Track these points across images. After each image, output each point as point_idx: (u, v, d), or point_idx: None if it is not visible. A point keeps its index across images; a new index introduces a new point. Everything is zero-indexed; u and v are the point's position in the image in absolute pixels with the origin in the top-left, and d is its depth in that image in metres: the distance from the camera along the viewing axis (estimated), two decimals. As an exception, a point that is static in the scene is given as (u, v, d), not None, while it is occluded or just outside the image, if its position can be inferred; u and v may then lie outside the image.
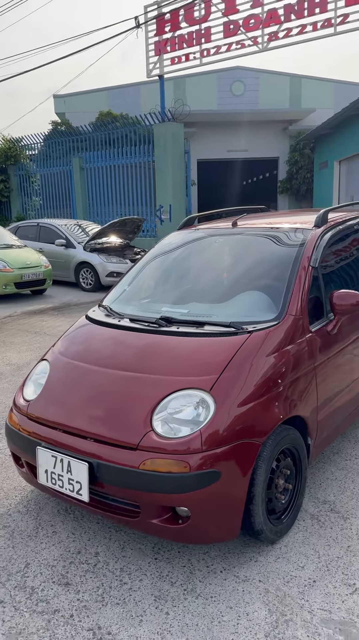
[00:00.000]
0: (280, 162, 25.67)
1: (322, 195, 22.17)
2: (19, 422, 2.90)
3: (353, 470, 3.46)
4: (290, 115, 25.03)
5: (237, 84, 25.54)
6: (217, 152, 24.00)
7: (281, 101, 25.66)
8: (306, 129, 24.16)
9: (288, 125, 25.22)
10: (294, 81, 25.70)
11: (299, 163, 24.11)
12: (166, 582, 2.49)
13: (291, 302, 2.93)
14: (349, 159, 20.41)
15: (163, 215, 11.93)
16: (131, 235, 11.98)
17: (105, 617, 2.29)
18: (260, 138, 24.87)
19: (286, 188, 24.92)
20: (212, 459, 2.38)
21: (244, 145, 25.39)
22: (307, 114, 24.34)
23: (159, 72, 13.27)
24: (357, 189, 19.59)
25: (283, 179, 25.21)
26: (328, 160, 21.75)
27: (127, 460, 2.43)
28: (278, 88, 25.58)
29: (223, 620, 2.26)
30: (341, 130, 20.40)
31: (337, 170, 21.48)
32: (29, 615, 2.31)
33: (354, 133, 19.38)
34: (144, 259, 3.91)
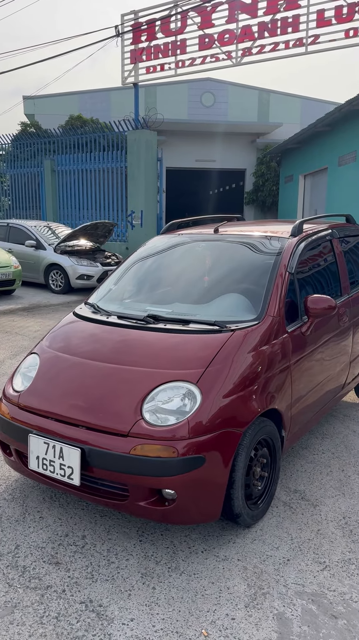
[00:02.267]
0: (246, 173, 26.22)
1: (287, 207, 22.78)
2: (10, 412, 3.03)
3: (320, 463, 3.70)
4: (257, 129, 25.62)
5: (207, 95, 26.00)
6: (186, 161, 24.34)
7: (250, 114, 26.26)
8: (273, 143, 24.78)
9: (256, 138, 25.80)
10: (262, 95, 26.34)
11: (266, 176, 24.70)
12: (151, 561, 2.66)
13: (270, 304, 3.16)
14: (313, 173, 21.06)
15: (134, 221, 12.11)
16: (102, 239, 12.10)
17: (95, 592, 2.45)
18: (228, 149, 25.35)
19: (252, 199, 25.45)
20: (198, 445, 2.57)
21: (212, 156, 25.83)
22: (274, 128, 24.97)
23: (134, 80, 13.47)
24: (321, 203, 20.23)
25: (249, 190, 25.75)
26: (294, 174, 22.37)
27: (118, 447, 2.60)
28: (247, 101, 26.17)
29: (206, 593, 2.44)
30: (307, 146, 21.05)
31: (302, 184, 22.11)
32: (23, 591, 2.45)
33: (320, 149, 20.03)
34: (129, 260, 4.08)
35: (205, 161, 25.75)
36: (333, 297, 3.57)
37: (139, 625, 2.25)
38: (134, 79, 13.44)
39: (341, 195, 18.14)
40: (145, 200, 12.02)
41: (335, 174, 18.77)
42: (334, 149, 18.56)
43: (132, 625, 2.25)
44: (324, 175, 19.80)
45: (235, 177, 27.04)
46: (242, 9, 12.15)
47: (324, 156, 19.55)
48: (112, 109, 24.54)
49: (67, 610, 2.33)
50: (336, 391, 3.99)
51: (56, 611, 2.32)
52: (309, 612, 2.33)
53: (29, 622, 2.26)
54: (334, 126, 18.28)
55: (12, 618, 2.28)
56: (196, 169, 25.58)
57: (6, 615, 2.30)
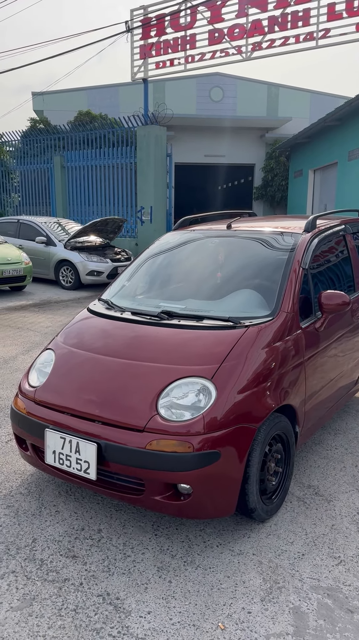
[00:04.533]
0: (256, 168, 26.13)
1: (296, 203, 22.70)
2: (26, 407, 3.06)
3: (333, 459, 3.71)
4: (266, 123, 25.51)
5: (216, 89, 25.92)
6: (194, 157, 24.30)
7: (259, 109, 26.15)
8: (282, 137, 24.66)
9: (265, 133, 25.69)
10: (271, 90, 26.22)
11: (275, 170, 24.60)
12: (167, 555, 2.68)
13: (284, 300, 3.17)
14: (323, 168, 20.95)
15: (143, 217, 12.11)
16: (111, 235, 12.12)
17: (112, 585, 2.47)
18: (237, 144, 25.28)
19: (261, 194, 25.37)
20: (213, 440, 2.59)
21: (221, 151, 25.77)
22: (283, 122, 24.86)
23: (143, 76, 13.46)
24: (330, 198, 20.13)
25: (258, 185, 25.67)
26: (303, 169, 22.27)
27: (134, 442, 2.62)
28: (256, 96, 26.05)
29: (222, 587, 2.46)
30: (317, 140, 20.95)
31: (311, 179, 22.01)
32: (41, 584, 2.48)
33: (329, 143, 19.92)
34: (142, 257, 4.10)
35: (213, 156, 25.69)
36: (346, 293, 3.57)
37: (156, 618, 2.27)
38: (143, 75, 13.42)
39: (351, 190, 18.04)
40: (155, 196, 12.02)
41: (345, 168, 18.66)
42: (344, 144, 18.44)
43: (149, 618, 2.27)
44: (334, 170, 19.69)
45: (243, 172, 26.97)
46: (252, 3, 12.09)
47: (334, 151, 19.44)
48: (120, 104, 24.54)
49: (84, 602, 2.36)
50: (349, 387, 3.99)
51: (74, 604, 2.35)
52: (325, 607, 2.34)
53: (47, 614, 2.29)
54: (344, 120, 18.16)
55: (30, 610, 2.32)
56: (205, 164, 25.53)
57: (25, 608, 2.33)
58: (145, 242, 12.29)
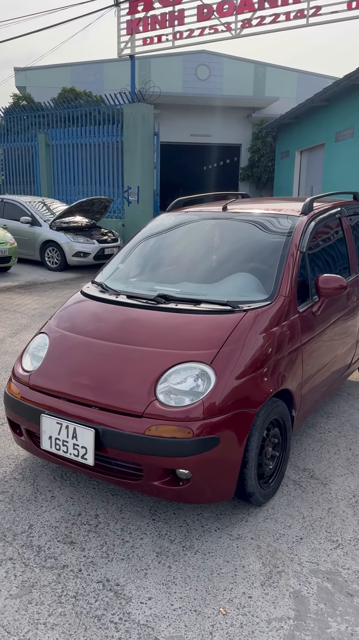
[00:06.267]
0: (242, 149, 25.92)
1: (282, 184, 22.60)
2: (21, 392, 3.00)
3: (327, 442, 3.72)
4: (253, 103, 25.24)
5: (202, 68, 25.54)
6: (180, 136, 24.01)
7: (246, 88, 25.86)
8: (269, 117, 24.42)
9: (251, 113, 25.43)
10: (258, 69, 25.91)
11: (261, 151, 24.43)
12: (165, 540, 2.67)
13: (282, 284, 3.13)
14: (310, 149, 20.85)
15: (131, 197, 11.96)
16: (98, 216, 11.97)
17: (112, 571, 2.46)
18: (223, 124, 25.01)
19: (247, 175, 25.21)
20: (212, 426, 2.56)
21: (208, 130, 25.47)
22: (270, 102, 24.62)
23: (130, 52, 13.18)
24: (317, 179, 20.08)
25: (244, 166, 25.49)
26: (290, 149, 22.14)
27: (133, 427, 2.59)
28: (243, 75, 25.74)
29: (222, 572, 2.46)
30: (304, 121, 20.80)
31: (298, 160, 21.90)
32: (39, 570, 2.45)
33: (317, 124, 19.79)
34: (135, 238, 4.02)
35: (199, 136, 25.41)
36: (342, 276, 3.54)
37: (157, 604, 2.26)
38: (130, 51, 13.14)
39: (337, 172, 17.99)
40: (142, 175, 11.85)
41: (332, 149, 18.59)
42: (332, 125, 18.34)
43: (150, 604, 2.26)
44: (321, 151, 19.61)
45: (230, 152, 26.75)
46: (242, -21, 11.85)
47: (321, 132, 19.33)
48: (105, 81, 24.09)
49: (84, 589, 2.34)
50: (342, 371, 4.00)
51: (74, 590, 2.33)
52: (325, 590, 2.36)
53: (47, 601, 2.27)
54: (331, 101, 18.04)
55: (30, 597, 2.29)
56: (191, 144, 25.26)
57: (24, 595, 2.30)
58: (132, 223, 12.16)
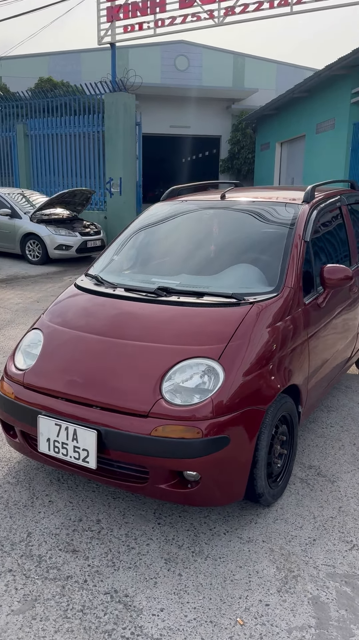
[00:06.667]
0: (222, 140, 25.78)
1: (263, 176, 22.53)
2: (14, 392, 2.83)
3: (330, 437, 3.63)
4: (232, 94, 25.08)
5: (181, 58, 25.28)
6: (160, 127, 23.75)
7: (225, 79, 25.67)
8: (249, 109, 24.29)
9: (231, 104, 25.28)
10: (237, 60, 25.75)
11: (241, 143, 24.32)
12: (173, 545, 2.54)
13: (287, 275, 3.01)
14: (290, 141, 20.79)
15: (113, 188, 11.72)
16: (79, 208, 11.72)
17: (119, 580, 2.31)
18: (203, 115, 24.81)
19: (227, 167, 25.09)
20: (222, 425, 2.43)
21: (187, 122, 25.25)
22: (250, 94, 24.49)
23: (111, 40, 12.88)
24: (298, 171, 20.05)
25: (224, 158, 25.36)
26: (270, 141, 22.07)
27: (138, 428, 2.44)
28: (222, 66, 25.56)
29: (235, 578, 2.34)
30: (284, 112, 20.70)
31: (278, 152, 21.84)
32: (42, 583, 2.30)
33: (297, 116, 19.72)
34: (130, 229, 3.86)
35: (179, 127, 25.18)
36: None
37: (170, 616, 2.13)
38: (111, 39, 12.85)
39: (318, 163, 17.96)
40: (124, 166, 11.61)
41: (313, 141, 18.55)
42: (312, 116, 18.28)
43: (163, 616, 2.13)
44: (301, 143, 19.56)
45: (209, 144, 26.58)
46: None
47: (301, 123, 19.27)
48: (82, 71, 23.70)
49: (91, 602, 2.20)
50: (343, 364, 3.90)
51: (80, 604, 2.19)
52: (345, 595, 2.25)
53: (52, 616, 2.12)
54: (312, 92, 17.97)
55: (34, 613, 2.14)
56: (170, 135, 25.03)
57: (27, 610, 2.15)
58: (115, 215, 11.93)
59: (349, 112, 15.79)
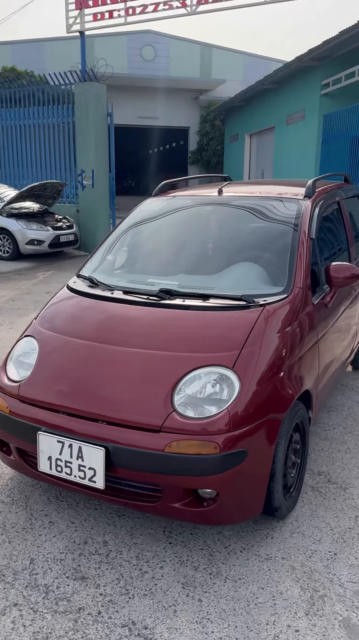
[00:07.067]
0: (190, 132, 25.56)
1: (232, 168, 22.42)
2: (9, 406, 2.61)
3: (334, 440, 3.52)
4: (200, 85, 24.86)
5: (148, 48, 24.91)
6: (127, 118, 23.37)
7: (192, 70, 25.42)
8: (217, 100, 24.10)
9: (199, 95, 25.05)
10: (204, 50, 25.52)
11: (210, 134, 24.14)
12: (188, 567, 2.38)
13: (296, 275, 2.87)
14: (260, 132, 20.72)
15: (85, 181, 11.40)
16: (51, 201, 11.38)
17: (135, 610, 2.14)
18: (171, 106, 24.53)
19: (196, 159, 24.90)
20: (240, 438, 2.28)
21: (155, 113, 24.92)
22: (217, 84, 24.31)
23: (80, 28, 12.46)
24: (267, 163, 20.01)
25: (193, 149, 25.16)
26: (239, 133, 21.96)
27: (150, 443, 2.27)
28: (189, 56, 25.30)
29: (259, 602, 2.19)
30: (253, 104, 20.60)
31: (248, 144, 21.75)
32: (52, 617, 2.11)
33: (266, 107, 19.64)
34: (122, 226, 3.65)
35: (147, 118, 24.83)
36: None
37: (196, 649, 1.97)
38: (80, 27, 12.43)
39: (288, 155, 17.93)
40: (96, 158, 11.29)
41: (283, 133, 18.51)
42: (282, 108, 18.23)
43: (188, 649, 1.97)
44: (271, 135, 19.51)
45: (178, 135, 26.32)
46: None
47: (271, 115, 19.21)
48: (47, 60, 23.09)
49: (108, 636, 2.02)
50: (344, 362, 3.80)
51: (96, 639, 2.01)
52: (377, 616, 2.13)
53: (67, 656, 1.94)
54: (281, 84, 17.90)
55: (47, 653, 1.95)
56: (138, 127, 24.69)
57: (39, 651, 1.96)
58: (88, 208, 11.63)
59: (319, 103, 15.79)
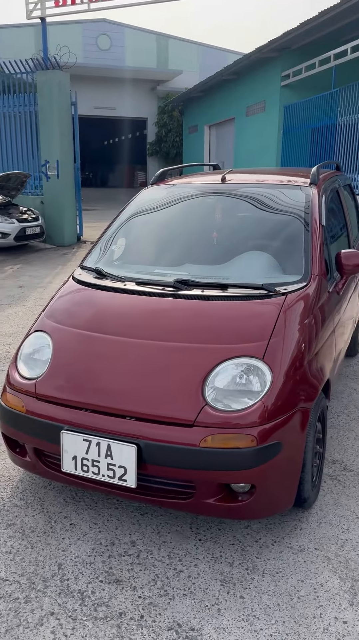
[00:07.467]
0: (148, 123, 25.36)
1: (192, 159, 22.35)
2: (25, 405, 2.48)
3: (341, 427, 3.52)
4: (157, 75, 24.67)
5: (103, 37, 24.50)
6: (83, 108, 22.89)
7: (149, 60, 25.19)
8: (174, 91, 23.97)
9: (156, 86, 24.86)
10: (160, 40, 25.31)
11: (168, 126, 24.02)
12: (223, 563, 2.32)
13: (313, 262, 2.83)
14: (220, 124, 20.71)
15: (49, 172, 11.09)
16: (14, 193, 11.02)
17: (179, 612, 2.07)
18: (127, 97, 24.25)
19: (155, 150, 24.75)
20: (275, 429, 2.23)
21: (112, 103, 24.59)
22: (174, 75, 24.17)
23: (41, 14, 12.10)
24: (228, 154, 20.03)
25: (151, 140, 24.99)
26: (198, 124, 21.90)
27: (184, 439, 2.19)
28: (145, 46, 25.04)
29: (301, 595, 2.16)
30: (212, 95, 20.56)
31: (207, 135, 21.72)
32: (93, 624, 2.01)
33: (226, 98, 19.65)
34: (122, 216, 3.52)
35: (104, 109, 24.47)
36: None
37: (248, 647, 1.92)
38: (41, 13, 12.07)
39: (249, 146, 18.00)
40: (61, 148, 10.99)
41: (243, 124, 18.56)
42: (242, 99, 18.26)
43: (241, 649, 1.91)
44: (231, 126, 19.53)
45: (136, 126, 26.09)
46: None
47: (231, 106, 19.23)
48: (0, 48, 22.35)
49: (156, 641, 1.94)
50: (345, 350, 3.81)
51: (144, 645, 1.93)
52: None
53: (117, 664, 1.85)
54: (241, 75, 17.93)
55: (95, 663, 1.85)
56: (95, 117, 24.28)
57: (87, 661, 1.86)
58: (53, 200, 11.33)
59: (279, 94, 15.88)
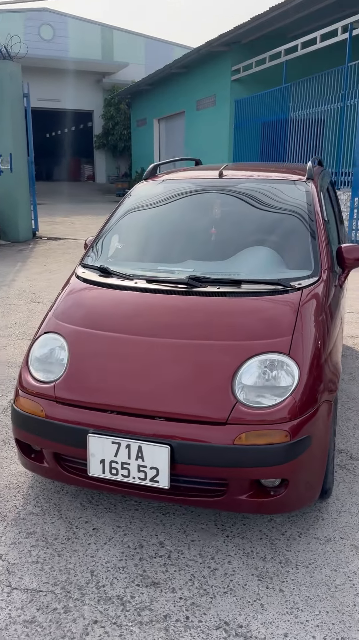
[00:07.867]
0: (94, 115, 25.00)
1: (141, 153, 22.23)
2: (44, 409, 2.40)
3: (339, 417, 3.59)
4: (102, 68, 24.35)
5: (46, 27, 23.89)
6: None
7: (94, 52, 24.79)
8: (121, 84, 23.73)
9: (102, 78, 24.53)
10: (105, 32, 24.94)
11: (116, 118, 23.76)
12: (256, 558, 2.33)
13: (321, 257, 2.87)
14: (169, 117, 20.69)
15: (2, 165, 10.74)
16: (-35, 188, 10.62)
17: (223, 610, 2.06)
18: (73, 89, 23.82)
19: (102, 143, 24.44)
20: (305, 423, 2.25)
21: (56, 95, 24.08)
22: (120, 67, 23.91)
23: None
24: (178, 148, 20.05)
25: (98, 133, 24.65)
26: (147, 117, 21.79)
27: (218, 437, 2.18)
28: (90, 37, 24.61)
29: (337, 584, 2.19)
30: (161, 88, 20.50)
31: (157, 129, 21.65)
32: (139, 629, 1.97)
33: (175, 92, 19.63)
34: (119, 212, 3.45)
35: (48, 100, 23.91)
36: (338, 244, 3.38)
37: (299, 640, 1.93)
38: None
39: (200, 140, 18.08)
40: (14, 141, 10.67)
41: (193, 118, 18.61)
42: (192, 93, 18.30)
43: (292, 642, 1.93)
44: (181, 119, 19.56)
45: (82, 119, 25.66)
46: None
47: (180, 100, 19.24)
48: None
49: (208, 641, 1.93)
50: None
51: (197, 646, 1.91)
52: None
53: (174, 668, 1.83)
54: (191, 68, 17.97)
55: (152, 669, 1.82)
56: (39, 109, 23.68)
57: (143, 668, 1.83)
58: (6, 194, 10.99)
59: (230, 88, 16.02)
